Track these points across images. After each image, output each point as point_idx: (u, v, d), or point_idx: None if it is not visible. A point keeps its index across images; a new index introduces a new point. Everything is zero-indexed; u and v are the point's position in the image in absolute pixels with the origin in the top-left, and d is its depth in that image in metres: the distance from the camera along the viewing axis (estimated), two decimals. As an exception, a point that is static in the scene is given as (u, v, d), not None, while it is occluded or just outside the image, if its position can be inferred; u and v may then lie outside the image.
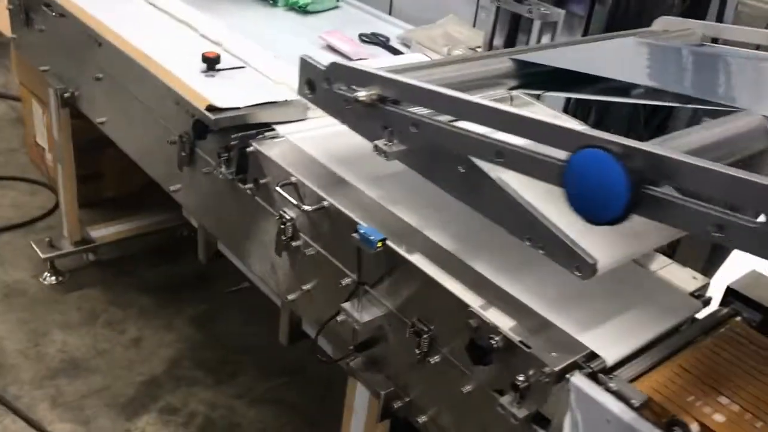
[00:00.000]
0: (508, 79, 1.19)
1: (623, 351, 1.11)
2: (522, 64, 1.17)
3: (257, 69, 1.82)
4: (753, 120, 1.03)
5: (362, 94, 1.05)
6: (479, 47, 1.74)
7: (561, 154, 0.85)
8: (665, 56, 1.29)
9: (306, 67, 1.29)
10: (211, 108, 1.59)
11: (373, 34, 2.19)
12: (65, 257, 2.75)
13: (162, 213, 2.95)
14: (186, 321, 2.64)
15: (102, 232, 2.82)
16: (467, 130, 0.96)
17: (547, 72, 1.15)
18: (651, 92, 1.28)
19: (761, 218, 0.69)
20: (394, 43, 2.17)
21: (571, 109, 2.85)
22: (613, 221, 0.80)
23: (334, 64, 1.18)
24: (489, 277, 1.23)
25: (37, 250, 2.68)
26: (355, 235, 1.26)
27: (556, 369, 1.04)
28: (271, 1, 2.39)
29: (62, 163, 2.61)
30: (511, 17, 1.58)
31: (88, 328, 2.54)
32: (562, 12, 1.52)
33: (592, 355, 1.09)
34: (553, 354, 1.07)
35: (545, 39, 1.56)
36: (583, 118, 2.79)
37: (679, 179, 0.75)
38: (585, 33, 2.98)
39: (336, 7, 2.44)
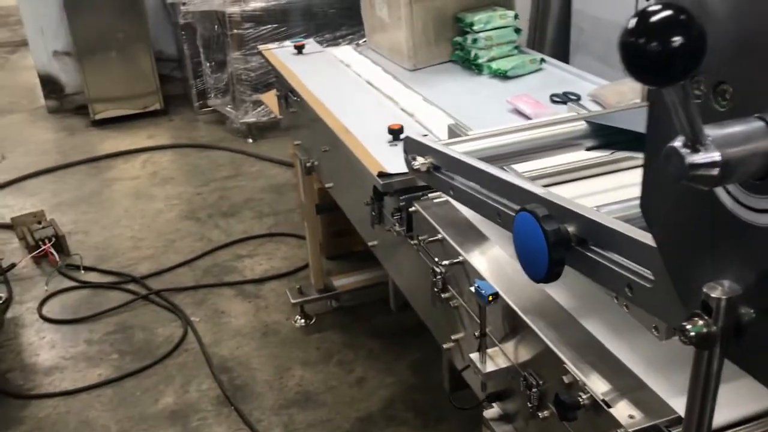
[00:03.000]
0: (586, 139, 1.20)
1: (719, 420, 1.04)
2: (598, 125, 1.17)
3: (437, 136, 2.00)
4: None
5: (417, 163, 1.16)
6: (639, 100, 1.71)
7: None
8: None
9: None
10: (382, 174, 1.80)
11: (564, 94, 2.24)
12: (312, 303, 3.17)
13: (397, 266, 3.26)
14: (406, 365, 2.86)
15: (342, 282, 3.20)
16: (484, 195, 1.02)
17: (624, 130, 1.14)
18: None
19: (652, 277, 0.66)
20: (585, 101, 2.19)
21: None
22: (544, 280, 0.81)
23: (408, 139, 1.31)
24: (596, 335, 1.23)
25: (289, 296, 3.14)
26: (471, 288, 1.36)
27: (631, 431, 1.02)
28: (476, 71, 2.57)
29: (308, 222, 3.05)
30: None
31: (323, 366, 2.89)
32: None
33: (679, 420, 1.04)
34: (632, 415, 1.05)
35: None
36: None
37: (596, 239, 0.73)
38: None
39: (539, 70, 2.53)
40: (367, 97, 2.41)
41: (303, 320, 3.15)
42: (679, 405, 1.06)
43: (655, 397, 1.09)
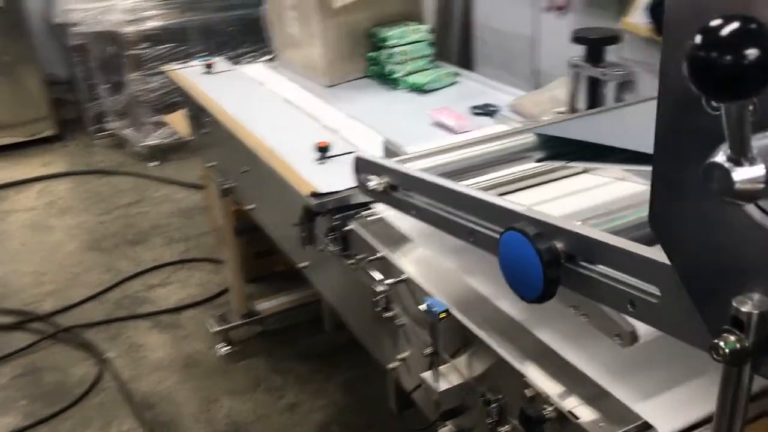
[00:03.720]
0: (536, 151, 1.21)
1: (682, 422, 1.05)
2: (547, 136, 1.19)
3: (364, 152, 1.97)
4: None
5: (372, 183, 1.14)
6: (565, 110, 1.75)
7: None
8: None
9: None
10: (315, 194, 1.76)
11: (485, 105, 2.27)
12: (235, 329, 3.06)
13: (319, 285, 3.20)
14: (337, 386, 2.80)
15: (266, 305, 3.11)
16: (449, 213, 1.01)
17: (573, 141, 1.16)
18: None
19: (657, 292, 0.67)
20: (504, 112, 2.22)
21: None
22: (537, 300, 0.80)
23: (356, 158, 1.28)
24: (553, 345, 1.23)
25: (211, 325, 3.02)
26: (421, 306, 1.33)
27: (601, 440, 1.02)
28: (393, 85, 2.56)
29: (227, 246, 2.94)
30: (589, 80, 1.59)
31: (251, 394, 2.79)
32: (636, 71, 1.50)
33: (646, 427, 1.05)
34: (602, 425, 1.05)
35: (628, 97, 1.54)
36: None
37: (593, 257, 0.74)
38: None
39: (454, 83, 2.55)
40: (287, 115, 2.35)
41: (226, 348, 3.04)
42: (643, 410, 1.07)
43: (619, 404, 1.10)
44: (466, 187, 1.02)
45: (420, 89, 2.49)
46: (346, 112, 2.25)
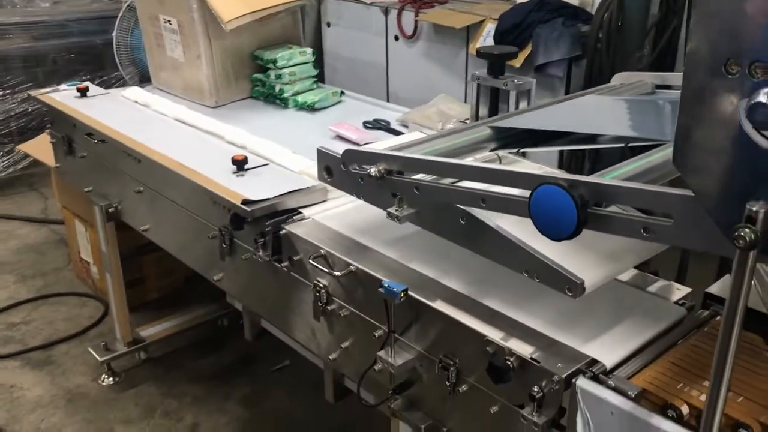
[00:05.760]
0: (491, 142, 1.43)
1: (620, 355, 1.30)
2: (498, 129, 1.41)
3: (280, 164, 2.09)
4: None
5: (373, 170, 1.29)
6: (468, 119, 1.99)
7: (526, 193, 1.09)
8: (615, 107, 1.53)
9: (323, 156, 1.54)
10: (246, 202, 1.84)
11: (375, 120, 2.47)
12: (120, 358, 2.98)
13: (202, 307, 3.22)
14: (237, 402, 2.83)
15: (150, 331, 3.06)
16: (457, 186, 1.20)
17: (522, 132, 1.39)
18: (615, 138, 1.51)
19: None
20: (395, 126, 2.44)
21: (565, 161, 3.12)
22: (569, 237, 1.02)
23: (348, 151, 1.43)
24: (500, 310, 1.44)
25: (95, 355, 2.91)
26: (380, 289, 1.48)
27: (563, 376, 1.24)
28: (282, 105, 2.69)
29: (111, 272, 2.87)
30: (490, 91, 1.84)
31: (147, 420, 2.73)
32: (533, 81, 1.78)
33: (594, 362, 1.28)
34: (560, 365, 1.26)
35: (522, 104, 1.81)
36: (578, 167, 3.05)
37: (612, 198, 0.97)
38: (567, 91, 3.29)
39: (340, 102, 2.74)
40: (187, 134, 2.39)
41: (111, 378, 2.94)
42: (589, 350, 1.31)
43: (568, 348, 1.32)
44: (476, 162, 1.20)
45: (310, 108, 2.64)
46: (246, 129, 2.34)
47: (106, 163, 2.57)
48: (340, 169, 1.44)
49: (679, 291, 1.50)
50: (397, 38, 4.21)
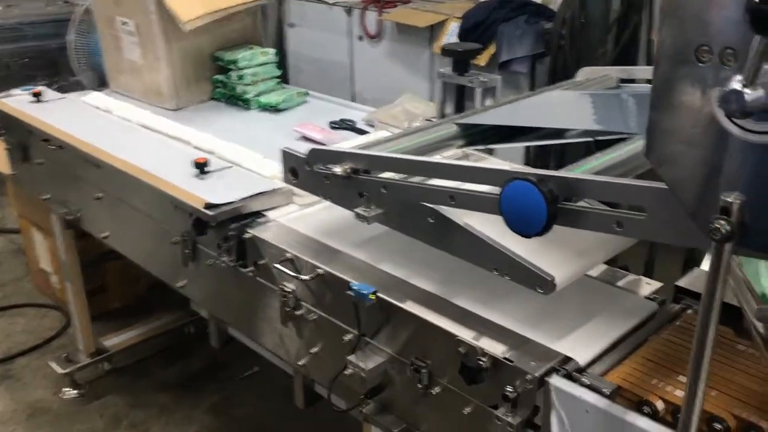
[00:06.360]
0: (457, 139, 1.41)
1: (593, 352, 1.28)
2: (465, 126, 1.39)
3: (244, 166, 2.04)
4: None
5: (338, 169, 1.26)
6: (435, 117, 1.97)
7: (496, 190, 1.06)
8: (581, 102, 1.52)
9: (288, 157, 1.50)
10: (209, 205, 1.79)
11: (342, 120, 2.44)
12: (83, 370, 2.89)
13: (167, 315, 3.14)
14: (204, 411, 2.76)
15: (114, 341, 2.98)
16: (425, 184, 1.17)
17: (488, 129, 1.37)
18: (582, 132, 1.50)
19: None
20: (361, 125, 2.41)
21: (531, 158, 3.12)
22: (540, 233, 1.00)
23: (313, 150, 1.39)
24: (471, 309, 1.41)
25: (56, 367, 2.83)
26: (349, 292, 1.44)
27: (537, 375, 1.22)
28: (245, 106, 2.64)
29: (71, 281, 2.79)
30: (456, 88, 1.82)
31: (113, 432, 2.66)
32: (498, 78, 1.76)
33: (567, 359, 1.26)
34: (533, 363, 1.24)
35: (488, 101, 1.79)
36: (544, 163, 3.06)
37: (583, 193, 0.95)
38: (531, 88, 3.30)
39: (305, 102, 2.69)
40: (149, 138, 2.33)
41: (74, 391, 2.86)
42: (562, 348, 1.29)
43: (540, 346, 1.30)
44: (444, 159, 1.17)
45: (274, 109, 2.59)
46: (209, 132, 2.29)
47: (64, 170, 2.49)
48: (306, 170, 1.40)
49: (649, 285, 1.49)
50: (361, 38, 4.19)
